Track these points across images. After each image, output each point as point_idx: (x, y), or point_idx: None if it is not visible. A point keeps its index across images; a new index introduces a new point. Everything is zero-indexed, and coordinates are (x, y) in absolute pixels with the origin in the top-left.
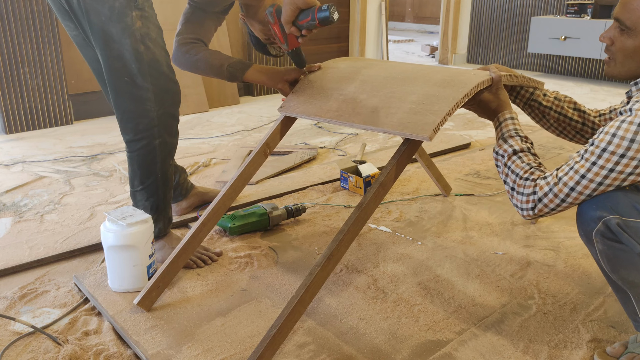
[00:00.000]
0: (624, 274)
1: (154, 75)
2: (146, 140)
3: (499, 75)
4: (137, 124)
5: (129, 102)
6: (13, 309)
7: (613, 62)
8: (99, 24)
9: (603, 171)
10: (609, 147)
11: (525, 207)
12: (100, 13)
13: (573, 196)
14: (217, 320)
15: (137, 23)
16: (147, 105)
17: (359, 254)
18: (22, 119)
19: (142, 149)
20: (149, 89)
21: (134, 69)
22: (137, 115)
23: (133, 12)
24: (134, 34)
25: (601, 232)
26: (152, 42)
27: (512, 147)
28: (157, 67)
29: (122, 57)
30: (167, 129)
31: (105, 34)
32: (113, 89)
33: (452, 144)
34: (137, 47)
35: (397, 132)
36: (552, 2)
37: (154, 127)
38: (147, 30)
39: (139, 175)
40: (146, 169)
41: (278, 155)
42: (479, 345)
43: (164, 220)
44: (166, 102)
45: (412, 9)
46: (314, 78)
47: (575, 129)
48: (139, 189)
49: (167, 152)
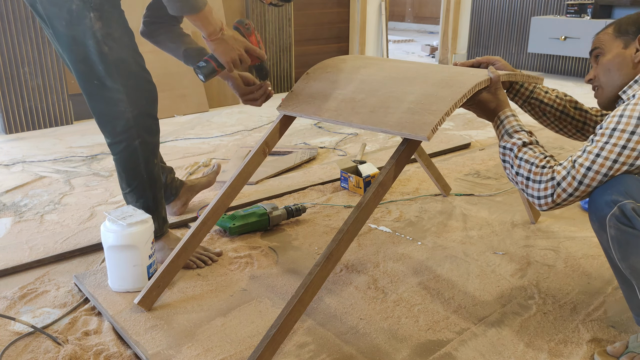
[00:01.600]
0: (633, 262)
1: (123, 75)
2: (125, 142)
3: (497, 76)
4: (113, 127)
5: (102, 105)
6: (13, 309)
7: (601, 89)
8: (61, 28)
9: (616, 148)
10: (618, 126)
11: (543, 195)
12: (61, 17)
13: (590, 176)
14: (217, 320)
15: (97, 24)
16: (120, 106)
17: (359, 254)
18: (22, 119)
19: (123, 152)
20: (120, 90)
21: (101, 70)
22: (112, 117)
23: (91, 13)
24: (94, 35)
25: (616, 216)
26: (116, 41)
27: (520, 139)
28: (124, 67)
29: (87, 60)
30: (146, 128)
31: (69, 37)
32: (85, 93)
33: (452, 144)
34: (101, 49)
35: (395, 132)
36: (552, 2)
37: (131, 128)
38: (109, 30)
39: (125, 178)
40: (130, 171)
41: (278, 155)
42: (479, 345)
43: (158, 221)
44: (140, 102)
45: (412, 9)
46: (313, 77)
47: (576, 127)
48: (127, 191)
49: (149, 152)
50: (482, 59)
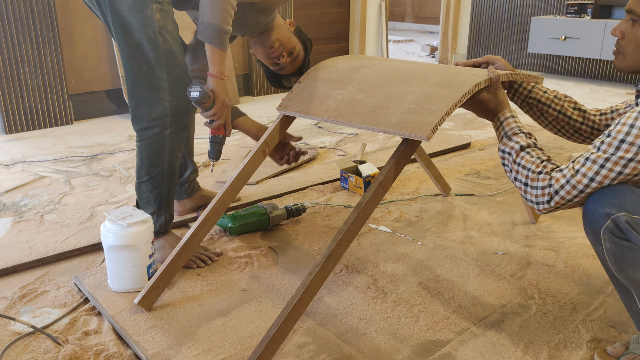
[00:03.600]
0: (630, 273)
1: (169, 67)
2: (158, 128)
3: (497, 75)
4: (150, 112)
5: (145, 89)
6: (13, 309)
7: (622, 55)
8: (121, 12)
9: (622, 161)
10: (627, 137)
11: (541, 201)
12: (123, 2)
13: (593, 187)
14: (217, 320)
15: (157, 15)
16: (161, 94)
17: (359, 254)
18: (22, 119)
19: (153, 137)
20: (165, 78)
21: (151, 57)
22: (152, 102)
23: (153, 4)
24: (153, 25)
25: (610, 229)
26: (170, 34)
27: (518, 143)
28: (173, 58)
29: (140, 46)
30: (179, 121)
31: (127, 22)
32: (130, 76)
33: (452, 144)
34: (156, 38)
35: (395, 131)
36: (552, 2)
37: (167, 116)
38: (164, 23)
39: (147, 165)
40: (154, 158)
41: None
42: (479, 345)
43: (165, 215)
44: (180, 94)
45: (412, 9)
46: (313, 77)
47: (574, 128)
48: (145, 179)
49: (175, 144)
50: (482, 59)
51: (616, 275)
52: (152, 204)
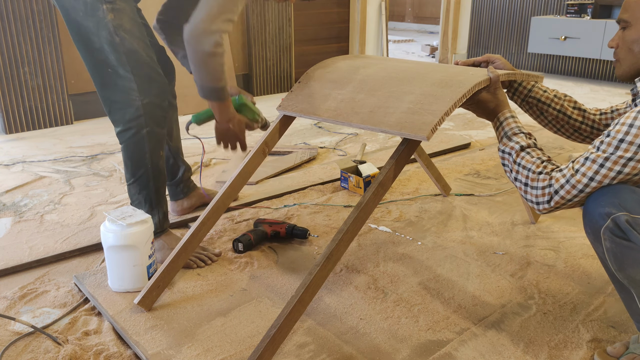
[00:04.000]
0: (630, 273)
1: (133, 65)
2: (134, 129)
3: (496, 75)
4: (124, 114)
5: (115, 92)
6: (13, 309)
7: (618, 63)
8: (77, 19)
9: (622, 160)
10: (626, 137)
11: (541, 201)
12: (76, 9)
13: (592, 186)
14: (217, 320)
15: (109, 15)
16: (131, 94)
17: (359, 254)
18: (22, 119)
19: (131, 139)
20: (131, 78)
21: (113, 59)
22: (124, 105)
23: (103, 5)
24: (107, 26)
25: (610, 229)
26: (127, 33)
27: (518, 143)
28: (135, 57)
29: (102, 50)
30: (154, 118)
31: (84, 28)
32: (98, 82)
33: (452, 144)
34: (113, 39)
35: (395, 131)
36: (552, 2)
37: (140, 116)
38: (120, 22)
39: (130, 167)
40: (136, 159)
41: (278, 155)
42: (479, 345)
43: (158, 215)
44: (150, 92)
45: (412, 9)
46: (312, 77)
47: (574, 127)
48: (131, 182)
49: (155, 142)
50: (482, 58)
51: (616, 275)
52: (142, 205)
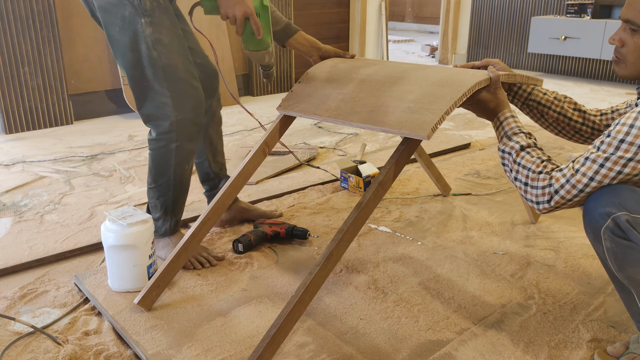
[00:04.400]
0: (630, 273)
1: (169, 81)
2: (164, 142)
3: (497, 75)
4: (157, 126)
5: (150, 106)
6: (13, 309)
7: (624, 64)
8: (115, 34)
9: (622, 160)
10: (627, 137)
11: (541, 201)
12: (114, 24)
13: (592, 186)
14: (217, 320)
15: (148, 29)
16: (165, 109)
17: (359, 254)
18: (22, 119)
19: (159, 149)
20: (167, 94)
21: (150, 74)
22: (157, 118)
23: (142, 19)
24: (145, 40)
25: (610, 229)
26: (165, 47)
27: (518, 143)
28: (172, 72)
29: (139, 64)
30: (186, 135)
31: (122, 43)
32: (135, 94)
33: (452, 144)
34: (151, 54)
35: (395, 131)
36: (552, 2)
37: (172, 131)
38: (158, 36)
39: (153, 173)
40: (160, 169)
41: (278, 155)
42: (479, 345)
43: (170, 222)
44: (185, 108)
45: (412, 9)
46: (312, 77)
47: (575, 129)
48: (152, 186)
49: (182, 157)
50: (481, 62)
51: (616, 275)
52: (158, 209)
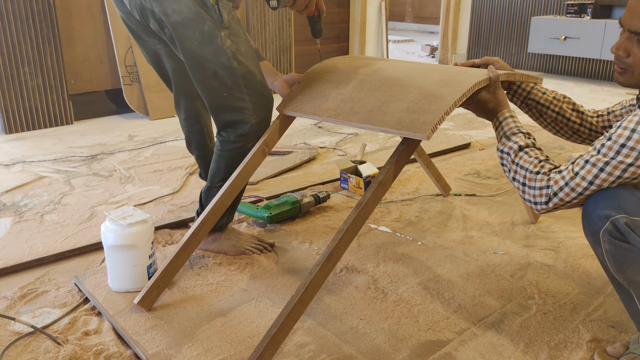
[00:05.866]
0: (630, 275)
1: (249, 86)
2: (241, 143)
3: (496, 75)
4: (236, 130)
5: (231, 114)
6: (13, 309)
7: (630, 74)
8: (192, 48)
9: (622, 165)
10: (628, 142)
11: (539, 201)
12: (192, 39)
13: (591, 189)
14: (217, 320)
15: (227, 42)
16: (245, 113)
17: (359, 254)
18: (22, 119)
19: (235, 150)
20: (246, 99)
21: (230, 83)
22: (238, 124)
23: (222, 32)
24: (225, 52)
25: (609, 231)
26: (243, 55)
27: (517, 143)
28: (251, 78)
29: (217, 75)
30: (261, 133)
31: (200, 56)
32: (214, 106)
33: (452, 144)
34: (231, 64)
35: (395, 131)
36: (552, 2)
37: (251, 133)
38: (237, 47)
39: (224, 172)
40: (232, 168)
41: (278, 155)
42: (479, 345)
43: (228, 217)
44: (262, 109)
45: (412, 9)
46: (312, 77)
47: (572, 129)
48: (218, 185)
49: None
50: (481, 61)
51: (616, 277)
52: None
